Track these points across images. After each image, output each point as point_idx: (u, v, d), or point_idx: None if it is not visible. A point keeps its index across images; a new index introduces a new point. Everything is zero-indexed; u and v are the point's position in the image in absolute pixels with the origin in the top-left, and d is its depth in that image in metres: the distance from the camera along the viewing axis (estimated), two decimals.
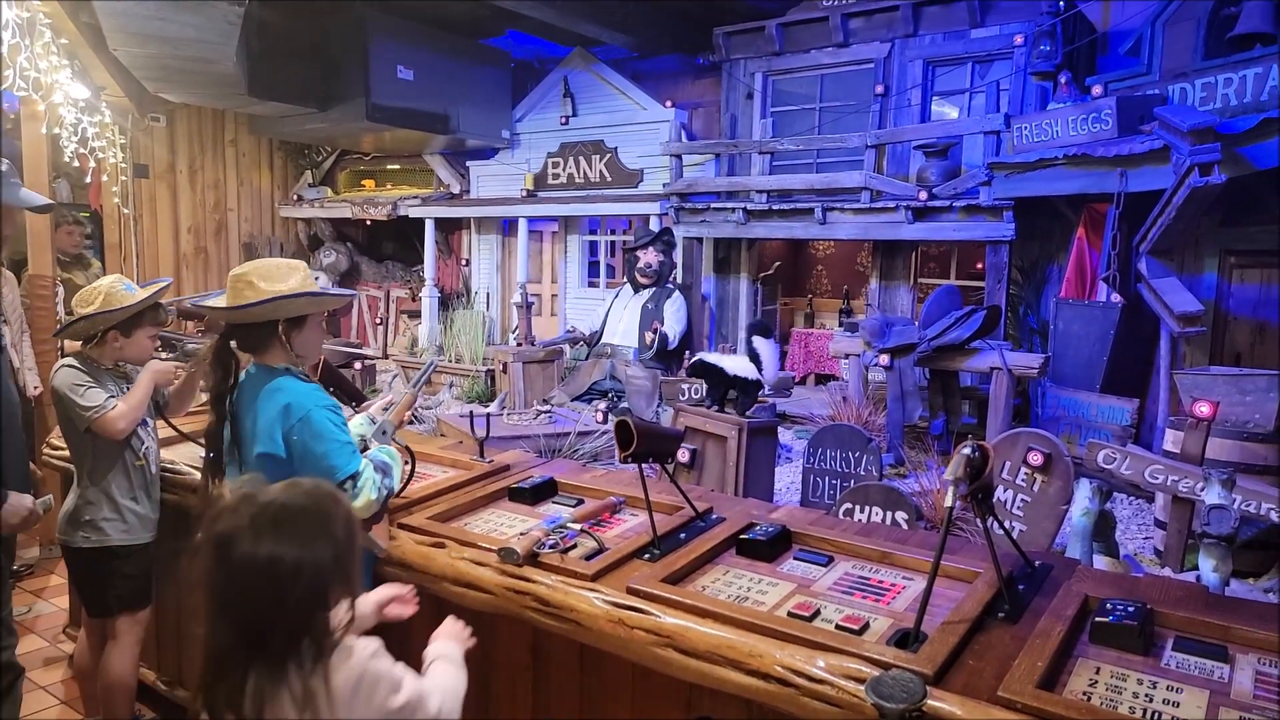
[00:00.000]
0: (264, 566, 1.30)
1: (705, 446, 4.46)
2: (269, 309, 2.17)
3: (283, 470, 2.18)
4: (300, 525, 1.35)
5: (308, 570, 1.32)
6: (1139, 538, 4.40)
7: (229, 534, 1.32)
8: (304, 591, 1.32)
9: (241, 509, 1.35)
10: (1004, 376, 5.19)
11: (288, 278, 2.21)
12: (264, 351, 2.25)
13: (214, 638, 1.34)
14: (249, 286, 2.17)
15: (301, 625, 1.33)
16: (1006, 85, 6.35)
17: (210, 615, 1.34)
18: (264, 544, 1.31)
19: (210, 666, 1.34)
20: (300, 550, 1.33)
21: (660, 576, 2.03)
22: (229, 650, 1.32)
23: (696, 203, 7.68)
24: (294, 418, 2.13)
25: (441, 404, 7.36)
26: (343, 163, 10.68)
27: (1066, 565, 2.13)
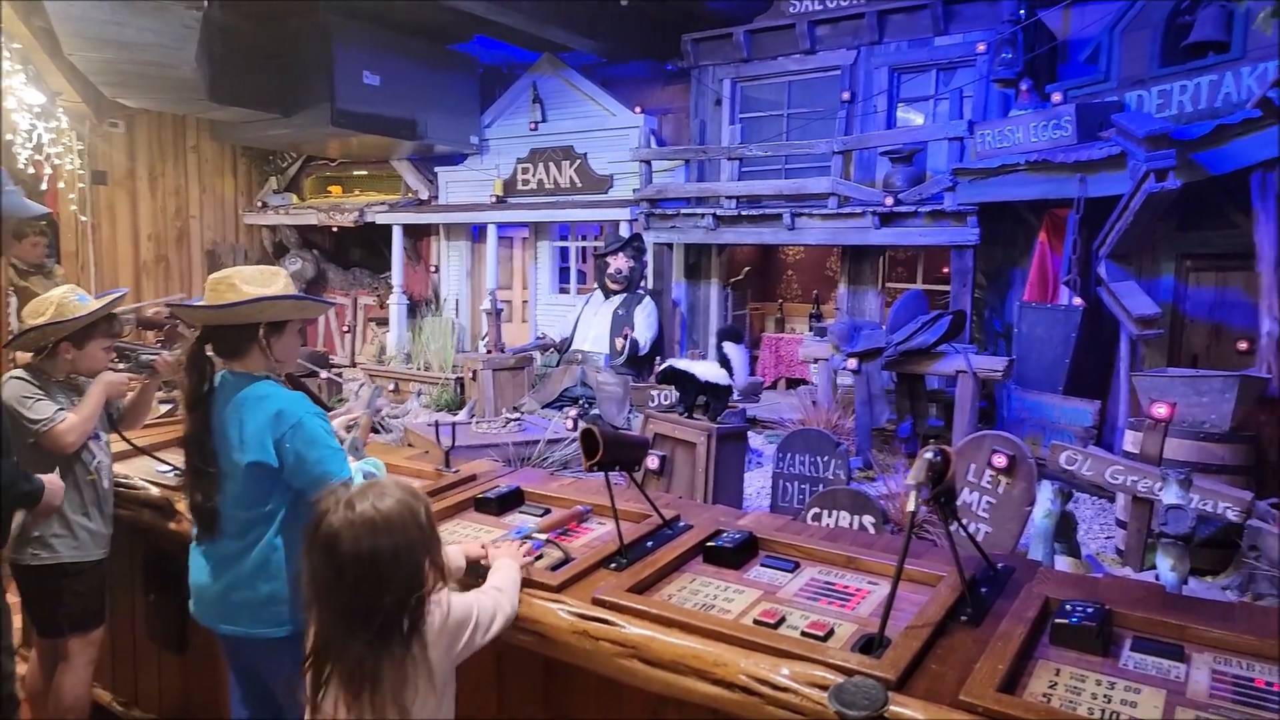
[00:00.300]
0: (371, 564, 1.53)
1: (675, 453, 4.45)
2: (254, 310, 2.14)
3: (273, 478, 2.15)
4: (395, 521, 1.57)
5: (405, 558, 1.56)
6: (1101, 537, 4.47)
7: (334, 537, 1.54)
8: (403, 576, 1.56)
9: (343, 511, 1.56)
10: (969, 380, 5.26)
11: (271, 283, 2.18)
12: (241, 357, 2.21)
13: (324, 624, 1.56)
14: (231, 289, 2.13)
15: (402, 604, 1.56)
16: (970, 92, 6.44)
17: (318, 604, 1.57)
18: (366, 541, 1.53)
19: (322, 649, 1.57)
20: (397, 542, 1.56)
21: (626, 586, 2.01)
22: (338, 633, 1.54)
23: (666, 208, 7.69)
24: (286, 424, 2.10)
25: (409, 413, 7.29)
26: (308, 169, 10.55)
27: (1028, 567, 2.15)
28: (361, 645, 1.53)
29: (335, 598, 1.55)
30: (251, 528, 2.20)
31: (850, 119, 7.12)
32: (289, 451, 2.11)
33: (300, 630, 2.22)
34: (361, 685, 1.53)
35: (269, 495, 2.18)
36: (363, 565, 1.53)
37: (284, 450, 2.11)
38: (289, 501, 2.21)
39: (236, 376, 2.21)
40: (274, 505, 2.19)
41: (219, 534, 2.22)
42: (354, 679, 1.53)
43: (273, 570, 2.20)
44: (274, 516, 2.20)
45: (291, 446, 2.11)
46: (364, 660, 1.53)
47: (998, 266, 6.62)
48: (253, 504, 2.18)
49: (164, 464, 2.99)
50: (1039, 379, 5.63)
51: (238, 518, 2.20)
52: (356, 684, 1.53)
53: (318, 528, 1.57)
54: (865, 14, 6.88)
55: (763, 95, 7.87)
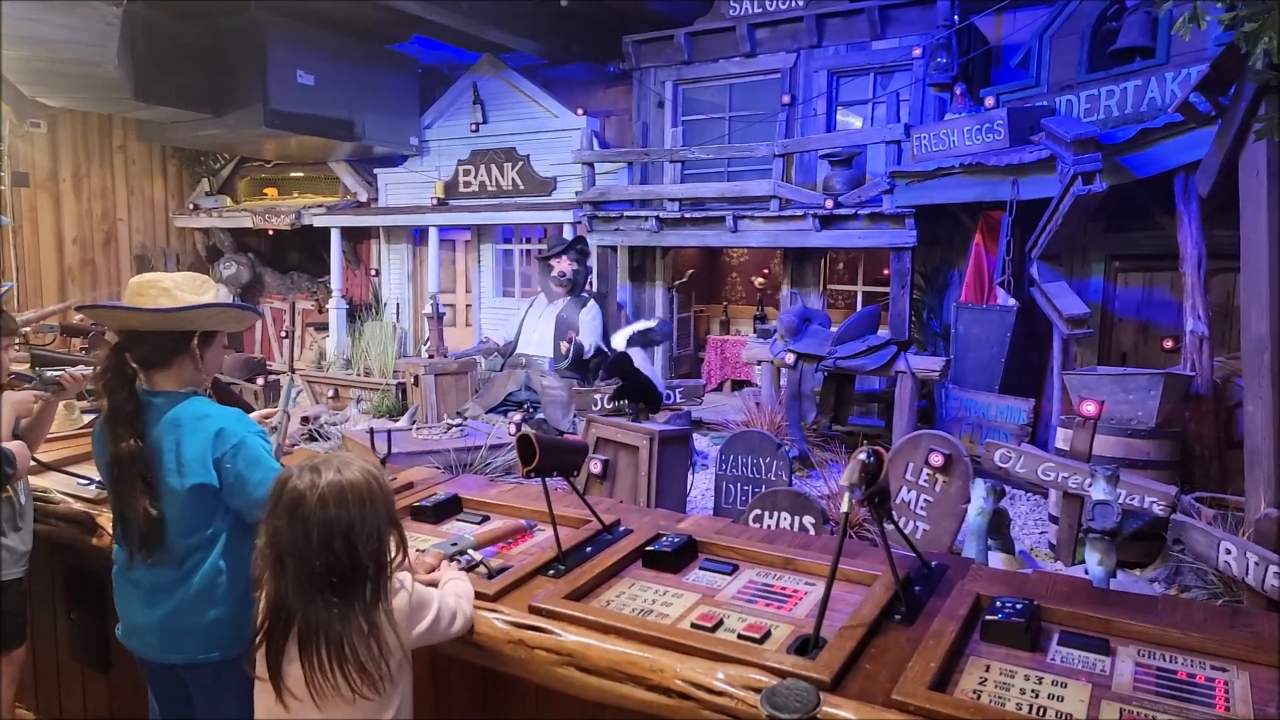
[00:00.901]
0: (337, 526, 1.57)
1: (618, 456, 4.42)
2: (195, 317, 2.02)
3: (216, 500, 2.03)
4: (361, 489, 1.62)
5: (371, 525, 1.61)
6: (1035, 533, 4.58)
7: (300, 500, 1.57)
8: (368, 543, 1.60)
9: (309, 476, 1.59)
10: (908, 380, 5.34)
11: (205, 291, 2.07)
12: (167, 367, 2.07)
13: (283, 589, 1.58)
14: (164, 294, 1.99)
15: (366, 570, 1.60)
16: (906, 96, 6.57)
17: (279, 570, 1.58)
18: (333, 506, 1.57)
19: (281, 615, 1.58)
20: (365, 509, 1.60)
21: (564, 593, 1.97)
22: (300, 598, 1.56)
23: (610, 211, 7.67)
24: (227, 444, 2.01)
25: (349, 420, 7.11)
26: (242, 170, 10.24)
27: (961, 565, 2.17)
28: (324, 609, 1.56)
29: (301, 562, 1.57)
30: (192, 553, 2.07)
31: (791, 122, 7.20)
32: (229, 471, 2.00)
33: (241, 653, 2.12)
34: (323, 649, 1.55)
35: (211, 518, 2.06)
36: (330, 528, 1.56)
37: (224, 470, 2.00)
38: (231, 522, 2.10)
39: (164, 395, 2.08)
40: (216, 528, 2.07)
41: (154, 561, 2.09)
42: (316, 643, 1.55)
43: (219, 595, 2.08)
44: (216, 540, 2.08)
45: (232, 467, 2.01)
46: (328, 625, 1.56)
47: (935, 267, 6.76)
48: (194, 529, 2.06)
49: (83, 478, 2.85)
50: (976, 378, 5.75)
51: (176, 544, 2.07)
52: (318, 648, 1.55)
53: (283, 493, 1.59)
54: (804, 17, 6.96)
55: (704, 98, 7.91)
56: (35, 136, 8.49)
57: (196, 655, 2.10)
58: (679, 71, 7.79)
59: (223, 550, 2.07)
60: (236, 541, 2.09)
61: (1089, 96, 5.35)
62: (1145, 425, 4.18)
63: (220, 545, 2.08)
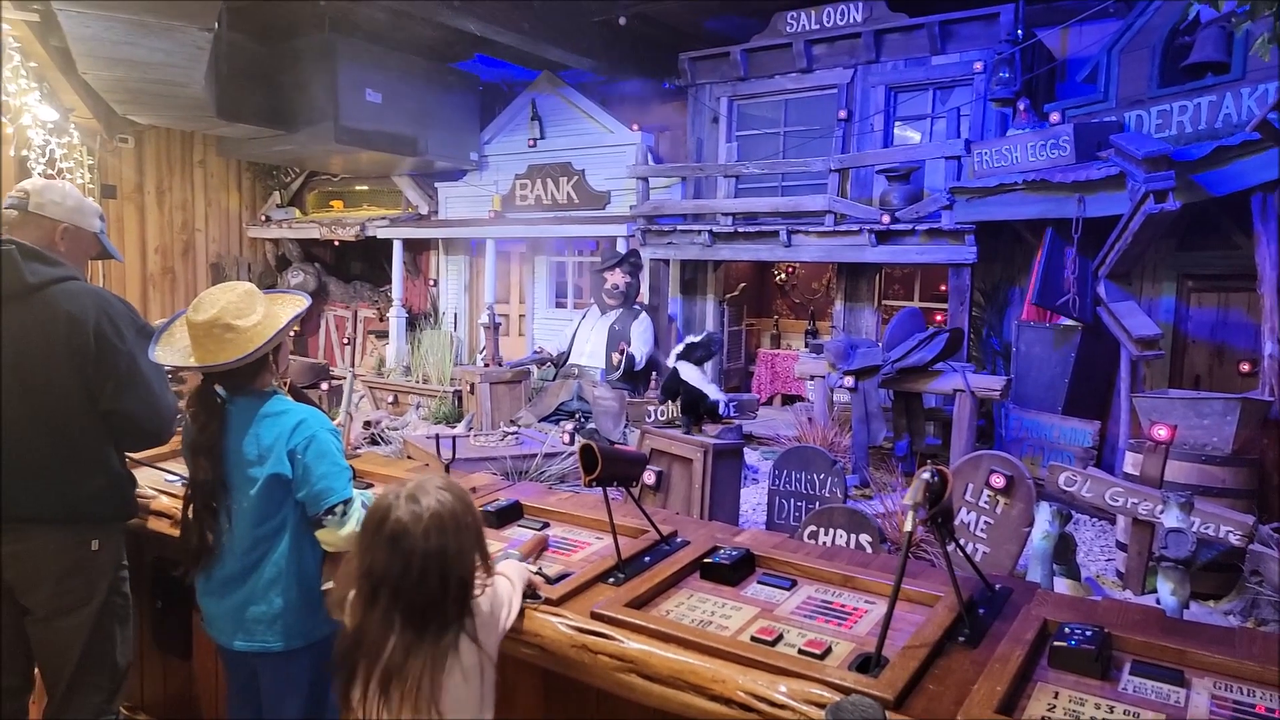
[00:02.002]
0: (437, 556, 1.58)
1: (671, 468, 4.44)
2: (267, 348, 2.16)
3: (287, 490, 2.16)
4: (459, 517, 1.64)
5: (466, 553, 1.64)
6: (1101, 560, 4.45)
7: (404, 532, 1.58)
8: (462, 571, 1.63)
9: (408, 505, 1.61)
10: (967, 399, 5.25)
11: (255, 306, 2.17)
12: (252, 384, 2.22)
13: (374, 617, 1.58)
14: (229, 330, 2.10)
15: (457, 598, 1.62)
16: (967, 111, 6.48)
17: (372, 597, 1.58)
18: (434, 536, 1.59)
19: (366, 642, 1.58)
20: (462, 538, 1.63)
21: (624, 601, 2.00)
22: (389, 626, 1.57)
23: (663, 224, 7.72)
24: (301, 435, 2.14)
25: (408, 425, 7.27)
26: (311, 184, 10.59)
27: (1026, 589, 2.13)
28: (413, 638, 1.58)
29: (398, 591, 1.57)
30: (260, 543, 2.20)
31: (847, 137, 7.17)
32: (299, 463, 2.13)
33: (311, 642, 2.22)
34: (409, 678, 1.56)
35: (280, 507, 2.19)
36: (430, 560, 1.58)
37: (296, 461, 2.13)
38: (298, 515, 2.21)
39: (247, 398, 2.21)
40: (283, 518, 2.20)
41: (226, 555, 2.22)
42: (401, 671, 1.56)
43: (285, 585, 2.20)
44: (284, 530, 2.21)
45: (302, 458, 2.14)
46: (414, 653, 1.57)
47: (996, 284, 6.64)
48: (265, 518, 2.19)
49: (171, 473, 3.00)
50: (1038, 398, 5.62)
51: (247, 535, 2.20)
52: (402, 676, 1.56)
53: (383, 522, 1.60)
54: (862, 33, 6.94)
55: (759, 113, 7.92)
56: (123, 151, 8.93)
57: (264, 643, 2.21)
58: (734, 87, 7.82)
59: (289, 542, 2.20)
60: (302, 534, 2.21)
61: (1160, 112, 5.22)
62: (1221, 451, 4.04)
63: (287, 537, 2.20)
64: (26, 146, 5.38)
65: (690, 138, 8.08)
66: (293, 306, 2.29)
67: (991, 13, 6.33)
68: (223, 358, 2.10)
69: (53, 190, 2.45)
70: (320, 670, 2.29)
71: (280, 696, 2.26)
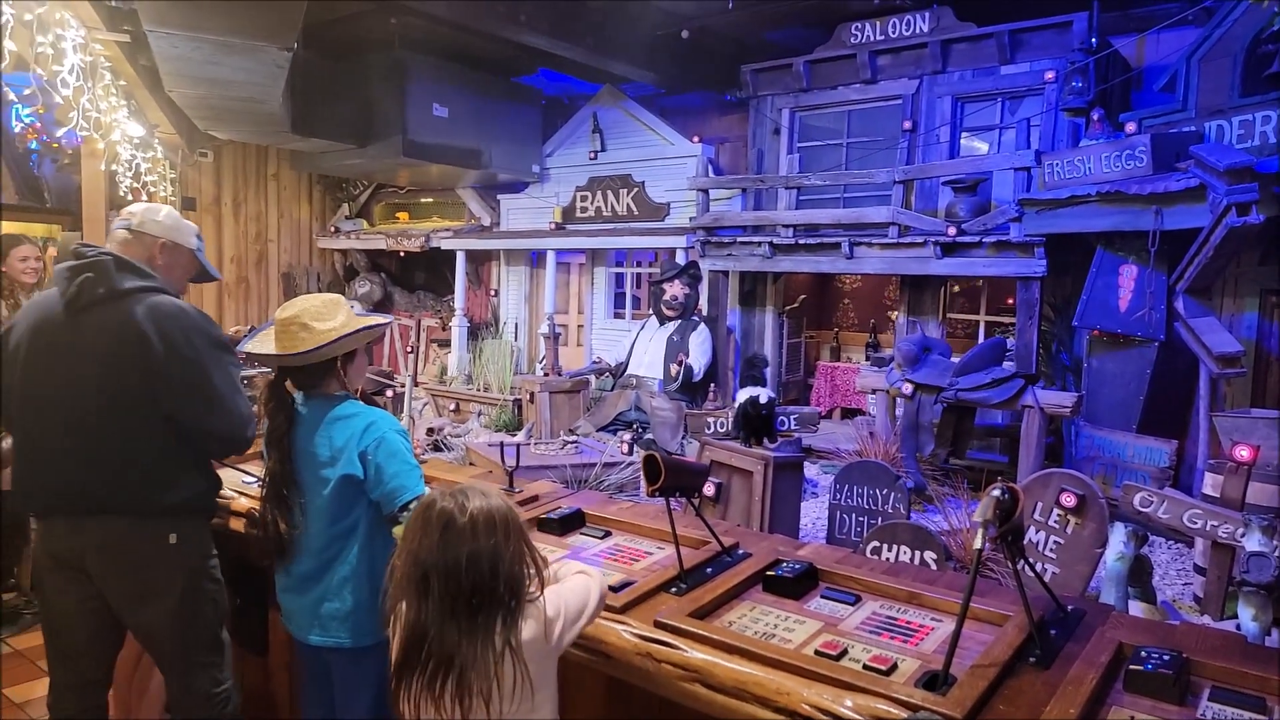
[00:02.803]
0: (484, 551, 1.62)
1: (731, 480, 4.44)
2: (333, 349, 2.26)
3: (359, 491, 2.26)
4: (509, 519, 1.69)
5: (515, 554, 1.67)
6: (1177, 583, 4.29)
7: (450, 521, 1.63)
8: (511, 572, 1.65)
9: (460, 503, 1.66)
10: (1036, 415, 5.12)
11: (335, 314, 2.30)
12: (317, 387, 2.33)
13: (424, 614, 1.62)
14: (304, 329, 2.24)
15: (505, 600, 1.65)
16: (1037, 121, 6.34)
17: (423, 594, 1.62)
18: (484, 535, 1.63)
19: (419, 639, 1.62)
20: (512, 539, 1.67)
21: (688, 611, 2.03)
22: (438, 622, 1.61)
23: (723, 236, 7.73)
24: (371, 437, 2.24)
25: (470, 432, 7.42)
26: (378, 196, 10.91)
27: (1100, 611, 2.09)
28: (462, 632, 1.61)
29: (447, 580, 1.61)
30: (334, 541, 2.30)
31: (912, 148, 7.07)
32: (371, 463, 2.23)
33: (381, 640, 2.31)
34: (457, 675, 1.60)
35: (353, 508, 2.29)
36: (479, 551, 1.62)
37: (367, 461, 2.22)
38: (371, 515, 2.30)
39: (319, 400, 2.33)
40: (357, 518, 2.30)
41: (303, 552, 2.33)
42: (450, 668, 1.60)
43: (358, 583, 2.29)
44: (357, 529, 2.30)
45: (374, 459, 2.24)
46: (463, 648, 1.61)
47: (1066, 298, 6.45)
48: (338, 518, 2.29)
49: (249, 474, 3.14)
50: (1110, 416, 5.44)
51: (321, 534, 2.30)
52: (450, 673, 1.60)
53: (434, 519, 1.65)
54: (929, 43, 6.85)
55: (822, 124, 7.88)
56: (203, 165, 9.36)
57: (337, 639, 2.30)
58: (796, 99, 7.80)
59: (362, 541, 2.30)
60: (374, 534, 2.31)
61: (1242, 122, 5.02)
62: None
63: (360, 536, 2.30)
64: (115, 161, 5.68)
65: (751, 149, 8.08)
66: (370, 321, 2.39)
67: (1064, 21, 6.18)
68: (295, 348, 2.23)
69: (153, 211, 2.65)
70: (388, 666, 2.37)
71: (351, 691, 2.35)
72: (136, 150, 6.31)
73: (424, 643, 1.62)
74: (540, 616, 1.72)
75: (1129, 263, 5.41)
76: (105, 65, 4.99)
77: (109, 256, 2.45)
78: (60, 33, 3.86)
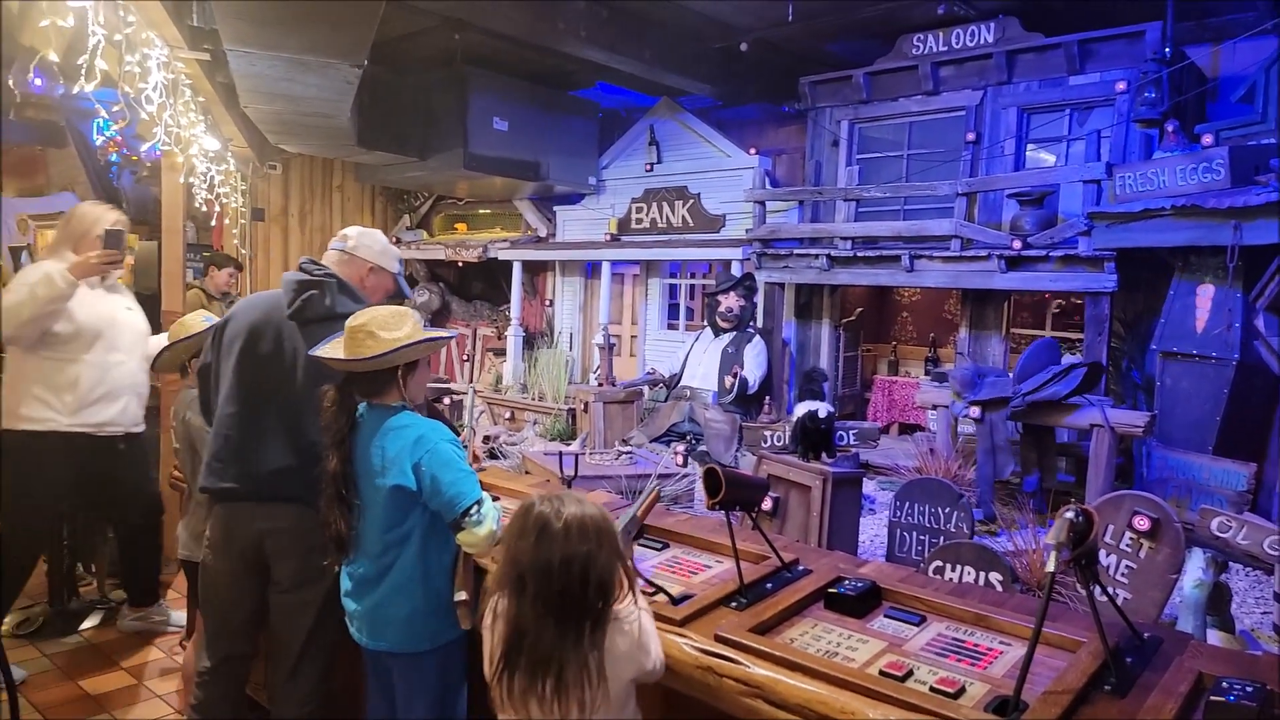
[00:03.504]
0: (577, 555, 1.68)
1: (788, 495, 4.40)
2: (394, 357, 2.32)
3: (412, 500, 2.31)
4: (604, 527, 1.74)
5: (610, 561, 1.73)
6: (1255, 612, 4.10)
7: (546, 524, 1.69)
8: (604, 578, 1.71)
9: (556, 509, 1.72)
10: (1106, 434, 4.96)
11: (402, 325, 2.36)
12: (379, 395, 2.40)
13: (521, 616, 1.69)
14: (370, 337, 2.32)
15: (596, 606, 1.71)
16: (1108, 133, 6.17)
17: (517, 592, 1.69)
18: (578, 541, 1.69)
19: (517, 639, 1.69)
20: (606, 546, 1.73)
21: (748, 626, 2.02)
22: (533, 623, 1.67)
23: (779, 248, 7.69)
24: (423, 449, 2.28)
25: (525, 440, 7.50)
26: (438, 207, 11.15)
27: (1177, 639, 2.02)
28: (555, 633, 1.67)
29: (542, 581, 1.68)
30: (390, 548, 2.35)
31: (975, 160, 6.95)
32: (425, 474, 2.27)
33: (437, 646, 2.35)
34: (555, 675, 1.66)
35: (406, 517, 2.34)
36: (572, 555, 1.68)
37: (421, 473, 2.27)
38: (425, 523, 2.35)
39: (377, 409, 2.39)
40: (411, 526, 2.35)
41: (360, 556, 2.39)
42: (548, 668, 1.66)
43: (413, 589, 2.34)
44: (411, 538, 2.35)
45: (428, 470, 2.27)
46: (557, 649, 1.67)
47: (1138, 314, 6.25)
48: (392, 526, 2.34)
49: None
50: (1184, 437, 5.24)
51: (377, 540, 2.36)
52: (547, 672, 1.66)
53: (529, 517, 1.72)
54: (994, 54, 6.73)
55: (882, 136, 7.79)
56: (271, 177, 9.69)
57: (394, 645, 2.35)
58: (856, 110, 7.73)
59: (418, 549, 2.34)
60: (430, 542, 2.35)
61: None
62: None
63: (415, 544, 2.34)
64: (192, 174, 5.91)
65: (809, 161, 8.03)
66: (434, 335, 2.45)
67: (1135, 30, 6.02)
68: (357, 354, 2.31)
69: (366, 236, 2.88)
70: (448, 673, 2.40)
71: (409, 696, 2.40)
72: (211, 163, 6.57)
73: (522, 641, 1.68)
74: (635, 634, 1.77)
75: (1205, 283, 5.22)
76: (185, 82, 5.20)
77: (333, 279, 2.71)
78: (146, 52, 4.05)
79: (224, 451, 2.69)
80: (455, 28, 7.13)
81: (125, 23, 3.66)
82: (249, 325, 2.71)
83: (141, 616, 4.42)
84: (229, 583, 2.73)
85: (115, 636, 4.36)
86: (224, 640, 2.78)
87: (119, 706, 3.68)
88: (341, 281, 2.72)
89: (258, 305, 2.78)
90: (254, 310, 2.75)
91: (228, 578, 2.73)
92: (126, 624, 4.41)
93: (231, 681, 2.83)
